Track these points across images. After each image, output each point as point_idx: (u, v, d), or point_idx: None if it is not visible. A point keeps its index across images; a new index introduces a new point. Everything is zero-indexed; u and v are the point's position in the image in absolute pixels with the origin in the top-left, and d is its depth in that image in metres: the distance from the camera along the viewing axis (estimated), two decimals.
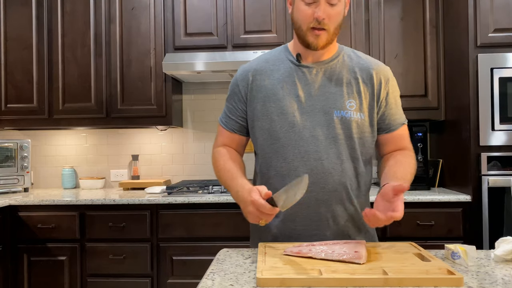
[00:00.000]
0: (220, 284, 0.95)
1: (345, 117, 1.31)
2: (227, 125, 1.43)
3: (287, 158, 1.32)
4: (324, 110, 1.31)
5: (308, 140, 1.30)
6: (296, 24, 1.30)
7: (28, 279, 2.60)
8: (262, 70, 1.38)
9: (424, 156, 2.76)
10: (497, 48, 2.41)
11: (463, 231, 2.44)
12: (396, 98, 1.41)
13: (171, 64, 2.76)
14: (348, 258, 1.04)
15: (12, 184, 2.94)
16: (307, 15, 1.25)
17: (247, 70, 1.41)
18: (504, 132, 2.37)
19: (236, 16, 2.85)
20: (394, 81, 1.41)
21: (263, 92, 1.35)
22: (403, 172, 1.29)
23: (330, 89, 1.33)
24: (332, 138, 1.31)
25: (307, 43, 1.29)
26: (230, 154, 1.42)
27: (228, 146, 1.44)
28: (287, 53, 1.40)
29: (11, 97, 2.96)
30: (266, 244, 1.22)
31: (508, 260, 1.12)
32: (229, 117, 1.42)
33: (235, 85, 1.42)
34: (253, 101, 1.37)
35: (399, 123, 1.40)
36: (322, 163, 1.30)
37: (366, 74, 1.36)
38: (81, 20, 2.93)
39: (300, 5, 1.26)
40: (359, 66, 1.37)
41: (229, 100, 1.44)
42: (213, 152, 1.46)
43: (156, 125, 3.01)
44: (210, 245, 2.52)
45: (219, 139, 1.46)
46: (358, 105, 1.32)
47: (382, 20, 2.80)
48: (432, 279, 0.92)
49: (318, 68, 1.35)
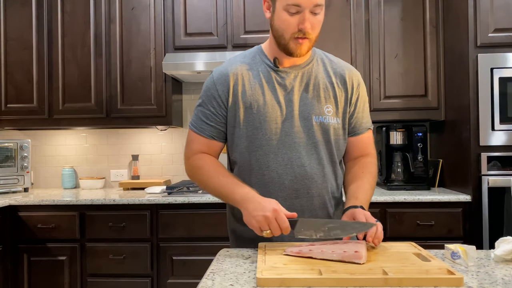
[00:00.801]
0: (220, 284, 0.95)
1: (324, 122, 1.32)
2: (205, 132, 1.35)
3: (270, 166, 1.30)
4: (304, 115, 1.31)
5: (291, 147, 1.30)
6: (277, 32, 1.27)
7: (28, 279, 2.60)
8: (242, 74, 1.33)
9: (424, 156, 2.76)
10: (497, 48, 2.41)
11: (463, 231, 2.44)
12: (365, 103, 1.43)
13: (171, 64, 2.76)
14: (348, 258, 1.04)
15: (12, 184, 2.94)
16: (291, 25, 1.23)
17: (225, 74, 1.34)
18: (504, 132, 2.37)
19: (236, 16, 2.85)
20: (364, 86, 1.43)
21: (244, 97, 1.31)
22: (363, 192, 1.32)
23: (308, 94, 1.33)
24: (312, 143, 1.31)
25: (289, 51, 1.27)
26: (213, 160, 1.35)
27: (205, 153, 1.37)
28: (263, 56, 1.36)
29: (11, 97, 2.96)
30: (266, 244, 1.22)
31: (508, 260, 1.12)
32: (206, 123, 1.35)
33: (212, 89, 1.34)
34: (234, 107, 1.32)
35: (365, 128, 1.42)
36: (305, 170, 1.30)
37: (341, 79, 1.37)
38: (81, 20, 2.93)
39: (284, 14, 1.23)
40: (333, 70, 1.38)
41: (205, 104, 1.35)
42: (190, 161, 1.37)
43: (156, 125, 3.01)
44: (210, 245, 2.52)
45: (193, 146, 1.37)
46: (334, 110, 1.34)
47: (382, 20, 2.80)
48: (432, 279, 0.92)
49: (295, 72, 1.34)
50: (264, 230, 1.15)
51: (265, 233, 1.15)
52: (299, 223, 1.15)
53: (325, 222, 1.17)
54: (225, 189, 1.28)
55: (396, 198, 2.45)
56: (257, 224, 1.15)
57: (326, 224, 1.15)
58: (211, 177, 1.31)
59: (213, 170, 1.32)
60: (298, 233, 1.15)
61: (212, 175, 1.31)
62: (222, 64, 1.40)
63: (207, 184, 1.33)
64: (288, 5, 1.21)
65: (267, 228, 1.14)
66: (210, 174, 1.32)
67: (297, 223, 1.15)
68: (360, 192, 1.32)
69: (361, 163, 1.40)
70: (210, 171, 1.32)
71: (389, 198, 2.45)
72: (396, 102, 2.77)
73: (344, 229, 1.14)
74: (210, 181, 1.32)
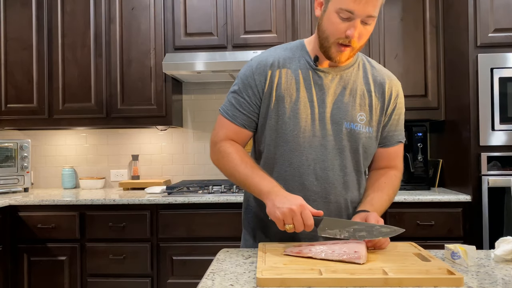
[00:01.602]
0: (220, 284, 0.95)
1: (354, 129, 1.29)
2: (237, 119, 1.33)
3: (293, 163, 1.29)
4: (335, 119, 1.29)
5: (317, 149, 1.28)
6: (323, 33, 1.23)
7: (28, 279, 2.60)
8: (280, 66, 1.31)
9: (424, 156, 2.76)
10: (497, 48, 2.41)
11: (463, 231, 2.44)
12: (401, 115, 1.39)
13: (171, 64, 2.76)
14: (348, 258, 1.04)
15: (12, 184, 2.94)
16: (339, 30, 1.19)
17: (264, 64, 1.32)
18: (504, 132, 2.37)
19: (236, 16, 2.85)
20: (402, 97, 1.39)
21: (278, 90, 1.30)
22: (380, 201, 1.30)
23: (343, 99, 1.30)
24: (338, 149, 1.29)
25: (329, 56, 1.25)
26: (242, 149, 1.34)
27: (233, 141, 1.36)
28: (304, 52, 1.34)
29: (11, 97, 2.96)
30: (266, 244, 1.22)
31: (508, 260, 1.12)
32: (239, 111, 1.33)
33: (250, 78, 1.32)
34: (268, 98, 1.30)
35: (397, 141, 1.39)
36: (327, 174, 1.29)
37: (379, 88, 1.34)
38: (81, 20, 2.93)
39: (334, 17, 1.19)
40: (373, 78, 1.35)
41: (240, 92, 1.33)
42: (219, 146, 1.34)
43: (156, 125, 3.01)
44: (210, 245, 2.52)
45: (223, 132, 1.35)
46: (368, 119, 1.31)
47: (382, 20, 2.80)
48: (432, 279, 0.92)
49: (334, 74, 1.30)
50: (288, 224, 1.13)
51: (288, 227, 1.13)
52: (324, 222, 1.14)
53: (351, 223, 1.15)
54: (251, 179, 1.26)
55: (396, 198, 2.45)
56: (281, 216, 1.13)
57: (352, 225, 1.14)
58: (237, 165, 1.29)
59: (240, 159, 1.30)
60: (322, 231, 1.14)
61: (239, 164, 1.29)
62: (261, 53, 1.38)
63: (232, 173, 1.31)
64: (341, 9, 1.17)
65: (291, 221, 1.12)
66: (236, 162, 1.29)
67: (322, 222, 1.14)
68: (377, 200, 1.30)
69: (387, 175, 1.38)
70: (237, 159, 1.30)
71: None
72: None
73: (371, 232, 1.13)
74: (236, 169, 1.29)
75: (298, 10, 2.83)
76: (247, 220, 1.45)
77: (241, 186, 1.31)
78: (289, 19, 2.82)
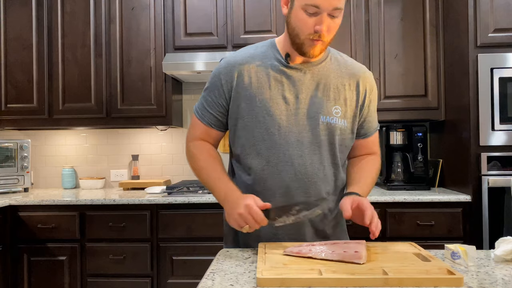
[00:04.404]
0: (220, 284, 0.95)
1: (330, 123, 1.30)
2: (204, 118, 1.36)
3: (271, 161, 1.29)
4: (310, 114, 1.29)
5: (293, 145, 1.28)
6: (293, 31, 1.24)
7: (28, 279, 2.60)
8: (249, 67, 1.31)
9: (424, 156, 2.76)
10: (497, 48, 2.41)
11: (463, 231, 2.44)
12: (375, 106, 1.43)
13: (171, 64, 2.76)
14: (348, 258, 1.04)
15: (12, 184, 2.94)
16: (308, 26, 1.20)
17: (231, 64, 1.32)
18: (504, 132, 2.37)
19: (236, 16, 2.85)
20: (376, 89, 1.42)
21: (248, 90, 1.30)
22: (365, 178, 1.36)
23: (317, 93, 1.30)
24: (316, 143, 1.30)
25: (302, 51, 1.25)
26: (208, 150, 1.37)
27: (204, 140, 1.39)
28: (275, 50, 1.33)
29: (11, 97, 2.96)
30: (266, 244, 1.22)
31: (508, 260, 1.12)
32: (207, 110, 1.35)
33: (217, 78, 1.34)
34: (238, 99, 1.30)
35: (374, 130, 1.43)
36: (306, 169, 1.29)
37: (353, 81, 1.35)
38: (81, 20, 2.93)
39: (301, 13, 1.20)
40: (346, 71, 1.35)
41: (208, 92, 1.36)
42: (188, 146, 1.39)
43: (156, 125, 3.01)
44: (210, 245, 2.52)
45: (194, 132, 1.39)
46: (343, 112, 1.32)
47: (382, 20, 2.80)
48: (432, 279, 0.92)
49: (306, 69, 1.31)
50: (242, 226, 1.17)
51: (244, 229, 1.17)
52: (272, 212, 1.18)
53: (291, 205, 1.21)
54: (212, 185, 1.31)
55: (396, 198, 2.45)
56: (234, 222, 1.19)
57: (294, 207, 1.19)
58: (203, 169, 1.34)
59: (204, 161, 1.34)
60: (273, 221, 1.18)
61: (204, 167, 1.34)
62: (232, 53, 1.38)
63: (199, 175, 1.36)
64: (306, 5, 1.17)
65: (245, 224, 1.16)
66: (201, 165, 1.35)
67: (270, 212, 1.17)
68: (363, 182, 1.33)
69: (367, 159, 1.42)
70: (201, 161, 1.35)
71: (389, 198, 2.45)
72: (396, 102, 2.78)
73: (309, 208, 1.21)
74: (201, 172, 1.35)
75: None
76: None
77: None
78: None
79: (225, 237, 1.47)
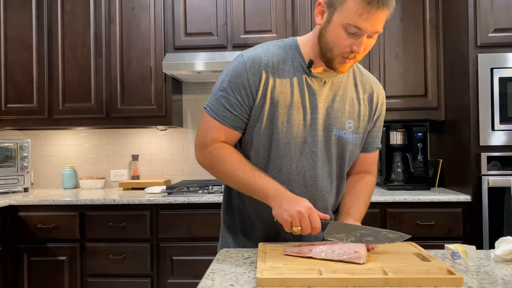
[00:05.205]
0: (220, 284, 0.95)
1: (343, 137, 1.28)
2: (227, 121, 1.25)
3: (283, 169, 1.26)
4: (326, 126, 1.27)
5: (307, 156, 1.26)
6: (326, 45, 1.18)
7: (28, 279, 2.60)
8: (274, 68, 1.24)
9: (424, 156, 2.76)
10: (497, 48, 2.41)
11: (463, 231, 2.44)
12: (382, 122, 1.41)
13: (171, 64, 2.76)
14: (348, 258, 1.04)
15: (12, 184, 2.94)
16: (345, 44, 1.15)
17: (258, 63, 1.24)
18: (504, 132, 2.37)
19: (236, 16, 2.85)
20: (385, 105, 1.40)
21: (273, 93, 1.23)
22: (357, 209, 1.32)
23: (334, 105, 1.27)
24: (327, 156, 1.28)
25: (332, 66, 1.21)
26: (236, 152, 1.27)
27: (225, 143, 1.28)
28: (297, 53, 1.27)
29: (11, 97, 2.96)
30: (266, 244, 1.22)
31: (508, 260, 1.12)
32: (230, 112, 1.24)
33: (243, 77, 1.23)
34: (262, 100, 1.24)
35: (376, 147, 1.41)
36: (317, 181, 1.27)
37: (368, 96, 1.34)
38: (81, 20, 2.93)
39: (340, 31, 1.14)
40: (362, 85, 1.33)
41: (231, 91, 1.24)
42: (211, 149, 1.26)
43: (156, 125, 3.01)
44: (210, 245, 2.52)
45: (212, 134, 1.26)
46: (355, 127, 1.30)
47: None
48: (432, 279, 0.92)
49: (326, 79, 1.26)
50: (295, 226, 1.12)
51: (296, 229, 1.12)
52: (330, 225, 1.14)
53: (358, 227, 1.15)
54: (253, 183, 1.20)
55: (396, 198, 2.45)
56: (289, 218, 1.12)
57: (359, 230, 1.13)
58: (236, 169, 1.22)
59: (237, 162, 1.23)
60: (328, 235, 1.14)
61: (238, 167, 1.22)
62: (253, 49, 1.29)
63: (231, 176, 1.24)
64: (349, 25, 1.12)
65: (299, 224, 1.12)
66: (235, 166, 1.23)
67: (328, 225, 1.14)
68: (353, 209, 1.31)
69: (363, 181, 1.39)
70: (234, 163, 1.23)
71: (389, 198, 2.45)
72: (396, 102, 2.78)
73: (377, 237, 1.12)
74: (235, 173, 1.23)
75: (298, 10, 2.83)
76: (230, 220, 1.42)
77: (241, 190, 1.26)
78: (289, 19, 2.82)
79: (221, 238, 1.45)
